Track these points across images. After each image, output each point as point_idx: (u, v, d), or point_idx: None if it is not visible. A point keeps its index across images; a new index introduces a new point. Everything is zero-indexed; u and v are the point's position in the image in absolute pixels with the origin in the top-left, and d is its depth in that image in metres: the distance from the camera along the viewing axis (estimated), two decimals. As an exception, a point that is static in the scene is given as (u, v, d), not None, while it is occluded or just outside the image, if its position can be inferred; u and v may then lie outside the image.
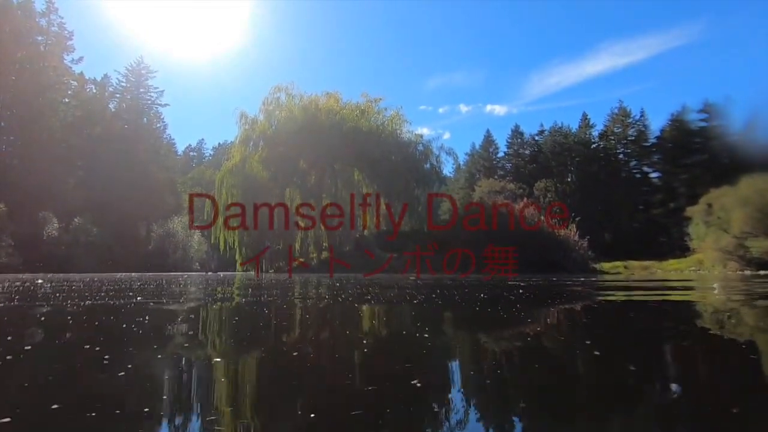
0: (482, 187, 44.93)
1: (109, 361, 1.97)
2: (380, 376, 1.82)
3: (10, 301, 5.50)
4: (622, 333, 3.09)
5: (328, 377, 1.82)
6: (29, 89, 41.01)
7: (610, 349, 2.44)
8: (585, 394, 1.64)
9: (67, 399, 1.42)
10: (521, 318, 3.88)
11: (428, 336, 2.80)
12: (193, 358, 2.22)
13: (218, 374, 1.85)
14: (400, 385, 1.59)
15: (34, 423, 1.24)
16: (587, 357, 2.19)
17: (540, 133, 55.75)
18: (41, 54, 43.19)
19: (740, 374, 1.88)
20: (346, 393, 1.56)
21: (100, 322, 3.60)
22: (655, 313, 4.59)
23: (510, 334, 3.07)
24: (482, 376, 1.87)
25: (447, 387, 1.69)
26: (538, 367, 2.03)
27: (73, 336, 2.91)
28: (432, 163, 30.21)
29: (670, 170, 46.34)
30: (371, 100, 30.09)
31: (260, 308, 4.73)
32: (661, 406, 1.47)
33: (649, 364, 2.07)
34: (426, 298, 5.91)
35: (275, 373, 1.93)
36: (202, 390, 1.69)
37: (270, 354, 2.38)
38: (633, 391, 1.58)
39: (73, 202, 39.60)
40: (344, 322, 3.86)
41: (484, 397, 1.60)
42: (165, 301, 5.44)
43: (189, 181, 62.10)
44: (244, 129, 29.95)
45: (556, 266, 22.06)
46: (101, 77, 52.17)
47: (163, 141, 59.13)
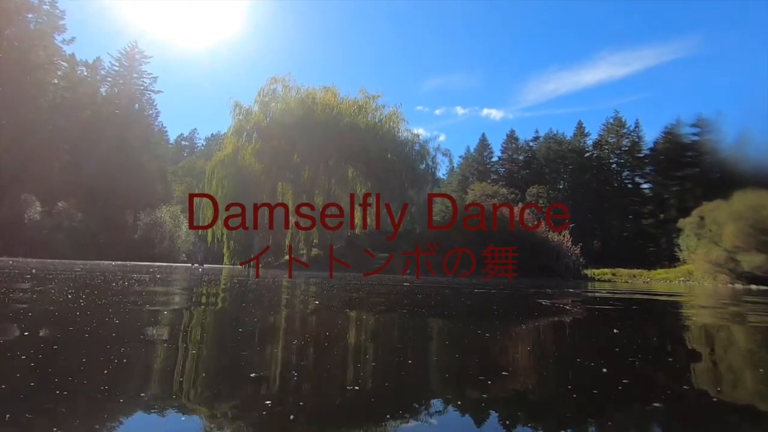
0: (475, 190, 44.93)
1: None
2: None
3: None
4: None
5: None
6: (17, 68, 39.77)
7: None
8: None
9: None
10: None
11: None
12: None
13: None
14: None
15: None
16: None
17: (535, 139, 55.98)
18: (31, 32, 41.93)
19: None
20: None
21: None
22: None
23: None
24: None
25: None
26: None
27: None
28: (428, 163, 29.96)
29: (661, 182, 46.84)
30: (369, 96, 29.69)
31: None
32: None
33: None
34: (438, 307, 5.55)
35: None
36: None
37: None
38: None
39: (58, 186, 38.56)
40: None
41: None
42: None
43: (180, 170, 61.16)
44: (238, 119, 29.34)
45: (548, 271, 21.94)
46: (93, 60, 50.98)
47: (154, 129, 58.01)
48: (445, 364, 2.24)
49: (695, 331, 4.03)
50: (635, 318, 4.91)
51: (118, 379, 1.65)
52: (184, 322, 3.28)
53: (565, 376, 2.01)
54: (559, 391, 1.74)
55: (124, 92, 51.70)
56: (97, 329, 2.68)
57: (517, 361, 2.35)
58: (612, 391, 1.67)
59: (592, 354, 2.60)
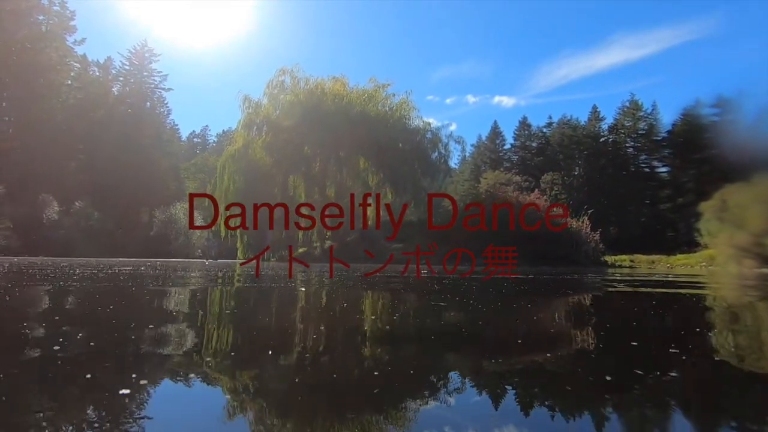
0: (488, 179, 44.14)
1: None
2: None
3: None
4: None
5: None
6: (30, 70, 40.29)
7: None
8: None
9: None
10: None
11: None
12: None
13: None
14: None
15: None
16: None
17: (548, 125, 54.85)
18: (42, 34, 42.37)
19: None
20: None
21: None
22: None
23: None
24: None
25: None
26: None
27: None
28: (440, 151, 29.50)
29: (679, 165, 45.56)
30: (379, 85, 29.29)
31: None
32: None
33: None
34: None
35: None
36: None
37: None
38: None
39: (74, 185, 39.09)
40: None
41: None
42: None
43: (192, 167, 61.61)
44: (248, 113, 29.23)
45: (567, 259, 21.46)
46: (104, 60, 51.39)
47: (166, 126, 58.43)
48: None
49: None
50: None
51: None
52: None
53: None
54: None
55: (136, 91, 52.06)
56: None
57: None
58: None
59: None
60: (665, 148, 48.25)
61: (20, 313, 3.13)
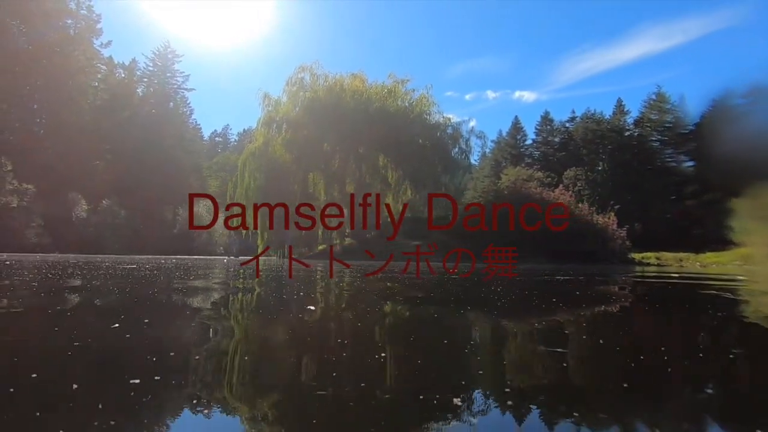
0: (509, 175, 43.50)
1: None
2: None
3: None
4: None
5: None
6: (60, 73, 41.56)
7: None
8: None
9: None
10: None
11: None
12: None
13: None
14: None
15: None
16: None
17: (571, 119, 53.64)
18: (71, 38, 43.64)
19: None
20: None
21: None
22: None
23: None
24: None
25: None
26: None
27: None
28: (461, 147, 29.10)
29: (707, 159, 43.88)
30: (398, 81, 29.07)
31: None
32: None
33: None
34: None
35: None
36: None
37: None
38: None
39: (101, 184, 40.18)
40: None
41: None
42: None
43: (214, 165, 62.69)
44: (267, 111, 29.44)
45: (593, 256, 20.90)
46: (129, 61, 52.60)
47: (189, 126, 59.55)
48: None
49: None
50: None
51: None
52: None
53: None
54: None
55: (159, 91, 53.20)
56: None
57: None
58: None
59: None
60: (692, 142, 46.57)
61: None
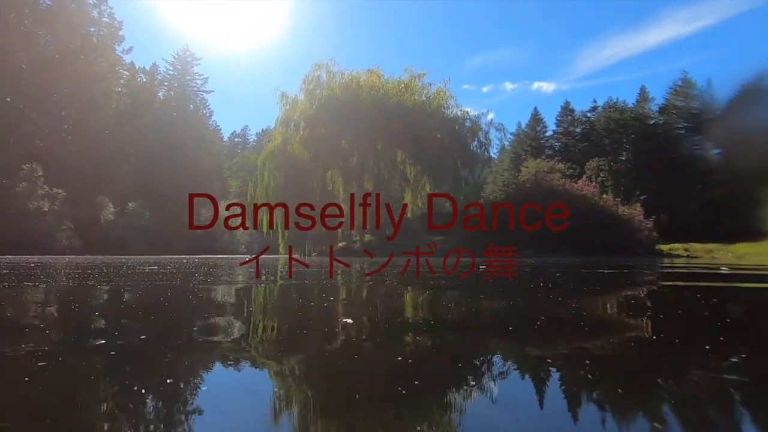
0: (529, 167, 42.78)
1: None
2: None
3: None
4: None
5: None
6: (84, 79, 42.80)
7: None
8: None
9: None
10: None
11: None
12: None
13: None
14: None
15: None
16: None
17: (593, 109, 52.32)
18: (94, 45, 44.87)
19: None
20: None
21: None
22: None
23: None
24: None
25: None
26: None
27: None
28: (480, 140, 28.65)
29: (736, 147, 42.16)
30: (414, 75, 28.81)
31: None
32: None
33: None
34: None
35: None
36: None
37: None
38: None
39: (127, 187, 41.31)
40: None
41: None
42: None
43: (234, 166, 63.67)
44: (285, 110, 29.62)
45: (620, 248, 20.35)
46: (150, 66, 53.83)
47: (208, 128, 60.65)
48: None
49: None
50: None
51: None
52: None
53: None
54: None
55: (179, 95, 54.28)
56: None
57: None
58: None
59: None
60: (720, 129, 44.81)
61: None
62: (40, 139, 40.97)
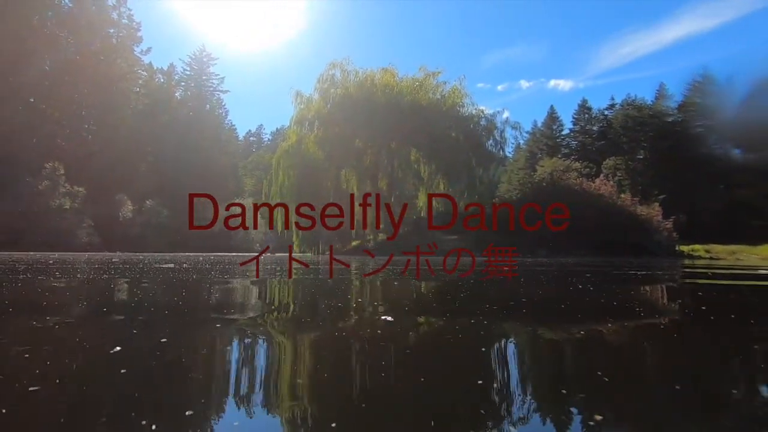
0: (545, 167, 42.30)
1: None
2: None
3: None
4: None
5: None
6: (104, 80, 43.71)
7: None
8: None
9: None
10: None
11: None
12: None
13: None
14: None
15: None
16: None
17: (610, 107, 51.49)
18: (114, 46, 45.77)
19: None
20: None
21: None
22: None
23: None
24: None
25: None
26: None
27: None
28: (495, 138, 28.41)
29: (758, 145, 40.97)
30: (429, 73, 28.68)
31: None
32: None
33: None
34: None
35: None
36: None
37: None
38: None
39: (145, 185, 42.07)
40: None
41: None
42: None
43: (249, 165, 64.28)
44: (300, 109, 29.77)
45: (638, 248, 19.98)
46: (167, 66, 54.70)
47: (224, 127, 61.38)
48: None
49: None
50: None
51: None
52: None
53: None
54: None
55: (196, 94, 55.04)
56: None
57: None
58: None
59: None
60: (740, 127, 43.58)
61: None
62: (61, 138, 41.98)
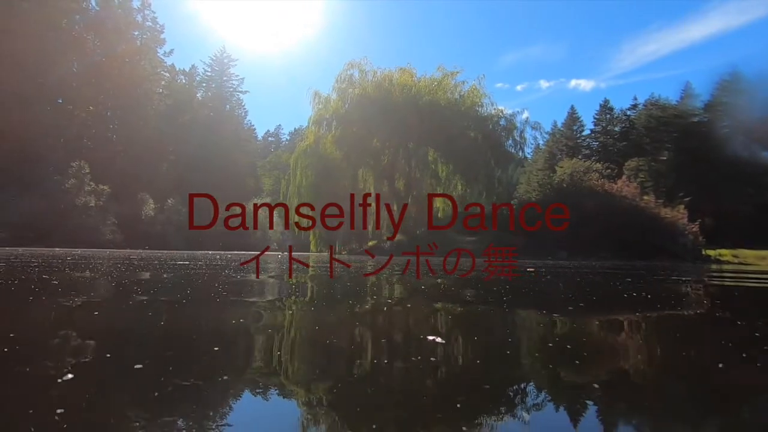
0: (564, 168, 41.58)
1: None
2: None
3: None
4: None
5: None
6: (128, 82, 44.76)
7: None
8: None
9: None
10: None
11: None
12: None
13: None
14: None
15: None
16: None
17: (633, 107, 50.34)
18: (138, 48, 46.84)
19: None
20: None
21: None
22: None
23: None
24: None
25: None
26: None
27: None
28: (515, 138, 28.03)
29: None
30: (447, 73, 28.48)
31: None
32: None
33: None
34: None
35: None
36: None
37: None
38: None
39: (166, 184, 42.88)
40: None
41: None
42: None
43: (267, 164, 65.00)
44: (318, 109, 29.94)
45: (663, 252, 19.43)
46: (189, 68, 55.79)
47: (244, 127, 62.24)
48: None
49: None
50: None
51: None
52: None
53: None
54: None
55: (216, 95, 55.95)
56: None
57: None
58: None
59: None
60: (770, 127, 41.99)
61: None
62: (87, 138, 43.15)
